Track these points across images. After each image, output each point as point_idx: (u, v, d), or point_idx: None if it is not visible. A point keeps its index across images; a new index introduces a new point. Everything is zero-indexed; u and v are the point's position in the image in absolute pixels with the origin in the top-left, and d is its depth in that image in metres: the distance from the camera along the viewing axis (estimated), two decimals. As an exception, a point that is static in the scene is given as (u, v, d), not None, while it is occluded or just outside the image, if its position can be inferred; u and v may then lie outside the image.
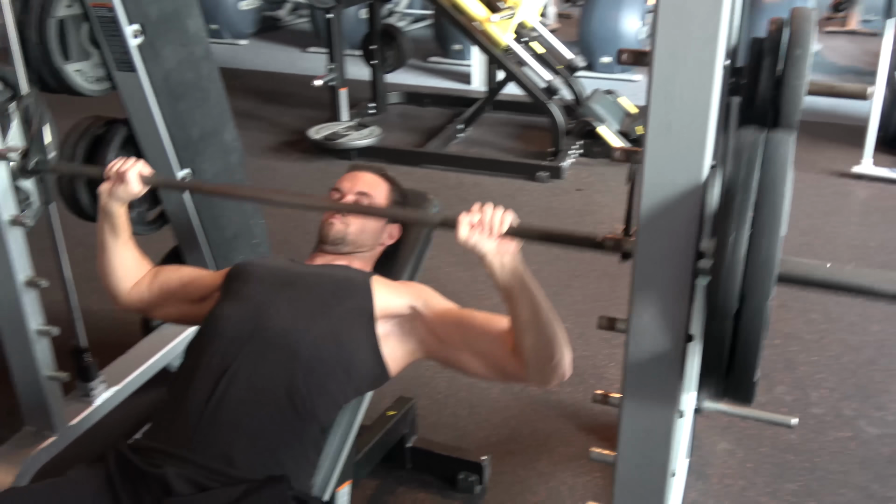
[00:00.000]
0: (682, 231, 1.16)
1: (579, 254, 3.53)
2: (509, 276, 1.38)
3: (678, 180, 1.13)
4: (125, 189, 1.64)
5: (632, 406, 1.34)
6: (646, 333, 1.27)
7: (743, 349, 1.12)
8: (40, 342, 1.91)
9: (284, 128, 5.30)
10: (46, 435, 1.98)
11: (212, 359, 1.50)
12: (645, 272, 1.21)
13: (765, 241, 1.05)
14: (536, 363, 1.48)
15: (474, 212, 1.36)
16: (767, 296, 1.06)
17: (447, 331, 1.60)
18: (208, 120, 2.35)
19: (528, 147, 4.93)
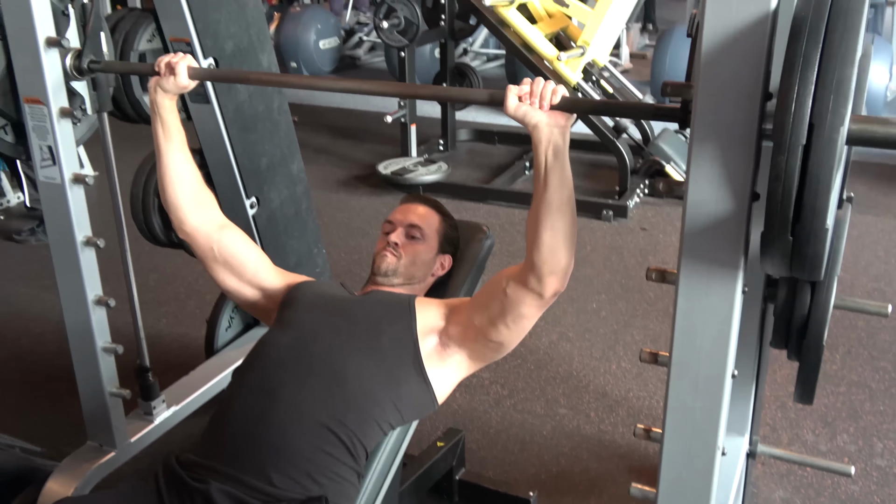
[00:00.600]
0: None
1: (641, 293, 3.50)
2: (552, 153, 1.36)
3: None
4: (174, 81, 1.63)
5: (673, 441, 1.33)
6: (688, 365, 1.26)
7: (812, 186, 0.99)
8: (105, 359, 1.99)
9: (356, 162, 5.41)
10: (107, 450, 2.05)
11: (257, 380, 1.54)
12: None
13: (837, 63, 0.97)
14: (548, 260, 1.43)
15: (523, 83, 1.34)
16: (841, 122, 0.96)
17: (464, 310, 1.62)
18: (277, 151, 2.43)
19: (594, 186, 4.91)
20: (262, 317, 1.84)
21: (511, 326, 1.56)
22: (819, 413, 2.67)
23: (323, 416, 1.48)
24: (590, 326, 3.29)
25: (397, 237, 1.79)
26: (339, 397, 1.50)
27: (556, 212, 1.41)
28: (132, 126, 2.30)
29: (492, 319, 1.56)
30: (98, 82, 1.89)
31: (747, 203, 1.16)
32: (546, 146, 1.36)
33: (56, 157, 1.83)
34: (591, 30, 4.38)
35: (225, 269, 1.76)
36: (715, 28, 1.10)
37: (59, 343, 2.43)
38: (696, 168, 1.18)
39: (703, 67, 1.12)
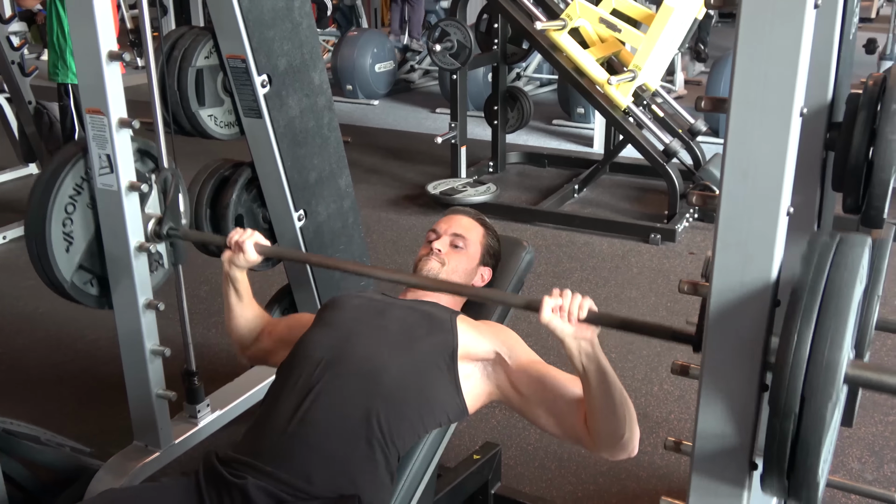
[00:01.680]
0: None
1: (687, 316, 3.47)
2: (586, 360, 1.45)
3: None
4: (244, 258, 1.78)
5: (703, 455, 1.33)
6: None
7: (803, 450, 1.10)
8: (154, 361, 2.06)
9: (406, 182, 5.49)
10: (152, 450, 2.12)
11: (298, 379, 1.59)
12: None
13: (828, 346, 1.05)
14: (606, 438, 1.53)
15: (555, 295, 1.42)
16: (828, 398, 1.05)
17: (527, 385, 1.65)
18: (325, 166, 2.49)
19: (643, 209, 4.90)
20: None
21: (558, 436, 1.64)
22: (866, 441, 2.61)
23: (358, 416, 1.52)
24: (633, 348, 3.28)
25: (441, 244, 1.83)
26: (375, 395, 1.54)
27: (606, 408, 1.49)
28: (188, 140, 2.39)
29: (545, 426, 1.64)
30: (175, 244, 2.09)
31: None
32: (578, 356, 1.44)
33: (114, 164, 1.91)
34: (643, 54, 4.39)
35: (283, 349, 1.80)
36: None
37: (111, 349, 2.52)
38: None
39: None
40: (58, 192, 1.99)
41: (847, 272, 1.09)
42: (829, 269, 1.10)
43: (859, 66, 2.89)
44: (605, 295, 3.78)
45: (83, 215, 2.05)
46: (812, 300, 1.08)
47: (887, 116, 1.35)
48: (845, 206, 1.45)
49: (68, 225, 2.03)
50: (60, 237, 2.02)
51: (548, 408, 1.61)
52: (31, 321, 3.66)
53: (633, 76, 4.40)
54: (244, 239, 1.76)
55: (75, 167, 2.02)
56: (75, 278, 2.08)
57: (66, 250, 2.04)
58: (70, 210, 2.02)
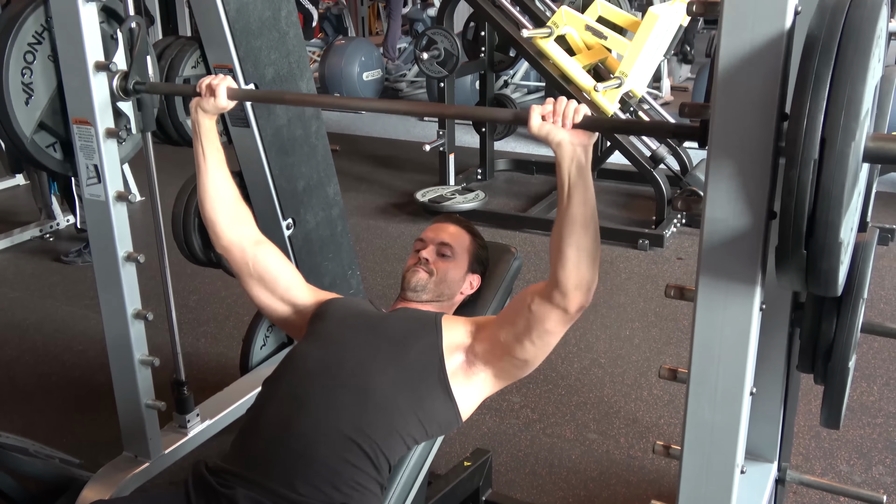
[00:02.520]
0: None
1: (675, 321, 3.49)
2: (576, 170, 1.38)
3: None
4: (214, 102, 1.70)
5: (692, 458, 1.34)
6: (707, 381, 1.27)
7: (825, 201, 1.00)
8: (142, 371, 2.06)
9: (395, 190, 5.49)
10: (141, 461, 2.11)
11: (286, 390, 1.59)
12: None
13: (849, 80, 0.98)
14: (572, 275, 1.46)
15: (546, 103, 1.37)
16: (853, 137, 0.98)
17: (490, 327, 1.65)
18: (313, 174, 2.50)
19: (631, 215, 4.92)
20: (292, 332, 1.89)
21: (536, 343, 1.58)
22: (854, 444, 2.63)
23: (348, 427, 1.52)
24: (622, 353, 3.29)
25: (428, 254, 1.84)
26: (364, 409, 1.54)
27: (579, 228, 1.44)
28: (175, 149, 2.39)
29: (517, 336, 1.59)
30: (143, 103, 1.98)
31: (764, 220, 1.18)
32: (569, 164, 1.39)
33: (101, 175, 1.91)
34: (629, 61, 4.41)
35: (258, 285, 1.81)
36: (731, 47, 1.12)
37: (100, 360, 2.52)
38: (713, 186, 1.20)
39: (720, 86, 1.14)
40: (16, 37, 1.87)
41: (867, 9, 1.01)
42: (847, 10, 1.02)
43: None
44: (593, 301, 3.69)
45: (44, 67, 1.94)
46: (829, 42, 1.00)
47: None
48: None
49: (27, 75, 1.92)
50: (19, 87, 1.91)
51: (516, 323, 1.58)
52: (19, 332, 3.64)
53: (620, 83, 4.42)
54: (217, 83, 1.70)
55: (35, 12, 1.91)
56: (36, 138, 1.98)
57: (25, 103, 1.93)
58: (29, 59, 1.92)
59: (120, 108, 1.94)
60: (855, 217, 1.23)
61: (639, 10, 5.83)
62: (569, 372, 3.14)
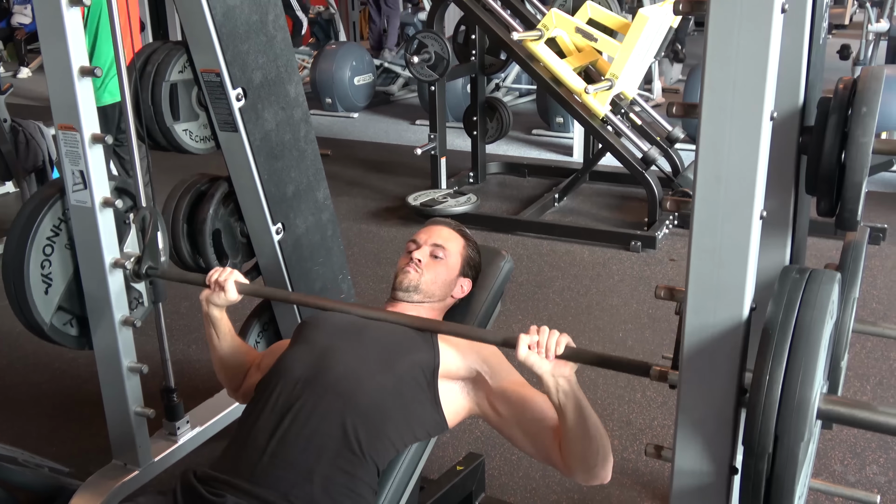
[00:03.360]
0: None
1: (669, 322, 3.49)
2: (563, 396, 1.45)
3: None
4: (224, 297, 1.75)
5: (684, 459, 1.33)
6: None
7: (777, 490, 1.10)
8: (131, 378, 2.04)
9: (387, 194, 5.48)
10: (131, 469, 2.09)
11: (276, 397, 1.58)
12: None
13: (799, 385, 1.06)
14: (579, 466, 1.54)
15: (532, 332, 1.43)
16: (801, 438, 1.06)
17: (506, 406, 1.65)
18: (303, 178, 2.48)
19: (624, 217, 4.92)
20: None
21: (536, 456, 1.64)
22: (848, 444, 2.62)
23: (336, 433, 1.50)
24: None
25: (421, 254, 1.83)
26: (352, 413, 1.53)
27: (581, 440, 1.49)
28: (164, 155, 2.37)
29: (522, 442, 1.64)
30: (154, 283, 2.08)
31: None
32: (555, 392, 1.45)
33: (87, 181, 1.90)
34: (620, 63, 4.41)
35: None
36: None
37: (90, 368, 2.49)
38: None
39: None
40: (35, 234, 1.97)
41: (816, 310, 1.11)
42: (798, 307, 1.11)
43: (834, 72, 2.91)
44: (586, 303, 3.78)
45: (61, 256, 2.03)
46: (783, 338, 1.09)
47: (858, 119, 1.36)
48: (819, 209, 1.45)
49: (47, 267, 2.01)
50: (39, 280, 1.99)
51: (525, 430, 1.62)
52: (9, 340, 3.61)
53: (611, 85, 4.42)
54: (225, 278, 1.75)
55: (53, 208, 2.00)
56: (55, 320, 2.06)
57: (44, 292, 2.02)
58: (48, 252, 2.00)
59: (133, 287, 2.06)
60: (810, 465, 1.37)
61: (629, 12, 5.83)
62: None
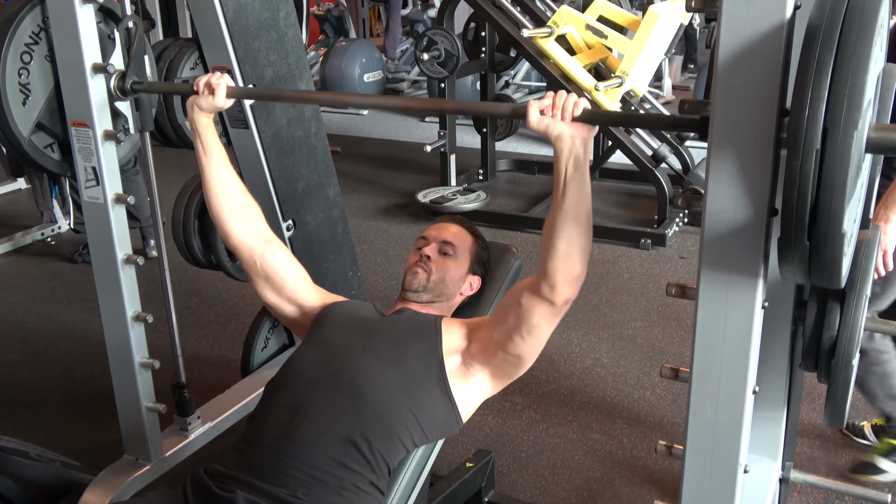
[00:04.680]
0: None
1: (678, 320, 3.48)
2: (573, 164, 1.37)
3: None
4: (212, 100, 1.67)
5: (694, 458, 1.33)
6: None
7: (828, 190, 0.99)
8: (143, 374, 2.05)
9: (396, 191, 5.48)
10: (142, 464, 2.10)
11: (286, 397, 1.58)
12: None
13: (851, 68, 0.97)
14: (562, 268, 1.44)
15: (546, 97, 1.37)
16: (855, 127, 0.97)
17: (484, 327, 1.65)
18: (313, 175, 2.49)
19: (633, 215, 4.91)
20: (298, 332, 1.88)
21: (526, 338, 1.57)
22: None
23: (347, 432, 1.50)
24: (625, 353, 3.28)
25: (430, 251, 1.83)
26: (363, 414, 1.53)
27: (572, 222, 1.43)
28: (175, 152, 2.38)
29: (508, 332, 1.58)
30: (140, 102, 1.97)
31: (766, 214, 1.17)
32: (567, 157, 1.38)
33: (100, 177, 1.91)
34: (630, 60, 4.40)
35: (266, 284, 1.81)
36: (730, 41, 1.11)
37: (102, 363, 2.50)
38: (714, 179, 1.19)
39: (720, 79, 1.13)
40: (12, 38, 1.87)
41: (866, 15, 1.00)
42: (845, 12, 1.01)
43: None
44: (596, 300, 3.78)
45: (41, 67, 1.94)
46: (828, 42, 0.99)
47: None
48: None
49: (24, 76, 1.92)
50: (16, 88, 1.91)
51: (507, 319, 1.57)
52: (21, 336, 3.64)
53: (621, 82, 4.40)
54: (217, 81, 1.69)
55: (32, 13, 1.91)
56: (34, 138, 1.98)
57: (22, 103, 1.93)
58: (26, 59, 1.92)
59: (118, 109, 1.94)
60: (858, 209, 1.22)
61: (639, 9, 5.81)
62: (571, 372, 3.13)
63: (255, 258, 1.79)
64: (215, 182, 1.78)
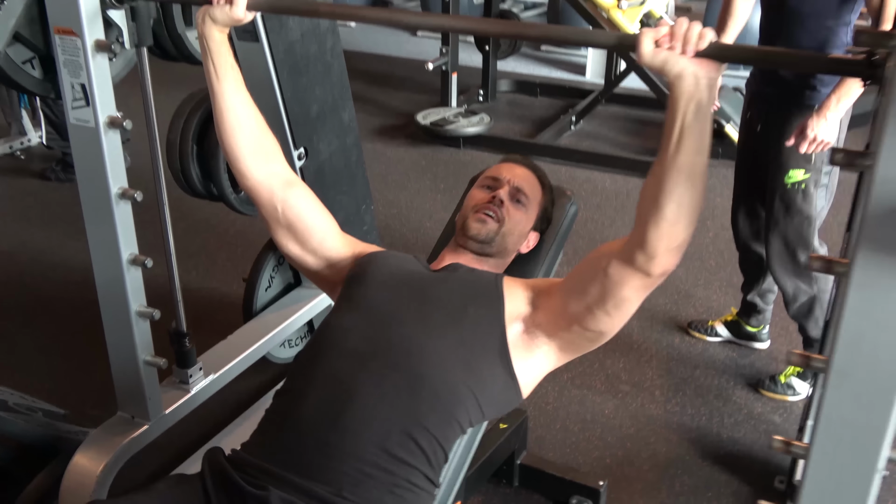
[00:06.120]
0: None
1: (701, 261, 3.27)
2: (694, 110, 1.12)
3: None
4: (229, 11, 1.37)
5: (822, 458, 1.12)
6: (852, 374, 1.05)
7: None
8: (140, 324, 1.79)
9: (392, 111, 5.15)
10: (140, 423, 1.86)
11: (327, 375, 1.33)
12: None
13: None
14: (666, 235, 1.19)
15: (661, 25, 1.12)
16: None
17: (554, 295, 1.39)
18: (328, 97, 2.20)
19: (644, 143, 4.65)
20: (325, 288, 1.63)
21: (612, 313, 1.33)
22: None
23: (402, 419, 1.27)
24: (649, 297, 3.06)
25: (505, 195, 1.57)
26: (420, 396, 1.29)
27: (685, 182, 1.18)
28: (172, 65, 2.07)
29: (589, 305, 1.33)
30: (138, 12, 1.66)
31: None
32: (688, 101, 1.12)
33: (90, 96, 1.60)
34: (652, -24, 4.08)
35: (288, 234, 1.53)
36: None
37: (84, 293, 2.23)
38: (891, 136, 0.94)
39: None
40: None
41: None
42: None
43: None
44: (612, 235, 3.55)
45: None
46: None
47: None
48: None
49: None
50: None
51: (587, 291, 1.31)
52: None
53: (643, 0, 4.09)
54: None
55: None
56: (11, 52, 1.68)
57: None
58: None
59: (111, 19, 1.62)
60: None
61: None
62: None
63: (275, 203, 1.51)
64: (230, 112, 1.47)
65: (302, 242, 1.54)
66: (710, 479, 2.20)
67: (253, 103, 1.51)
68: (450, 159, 4.41)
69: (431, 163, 4.36)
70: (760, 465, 2.25)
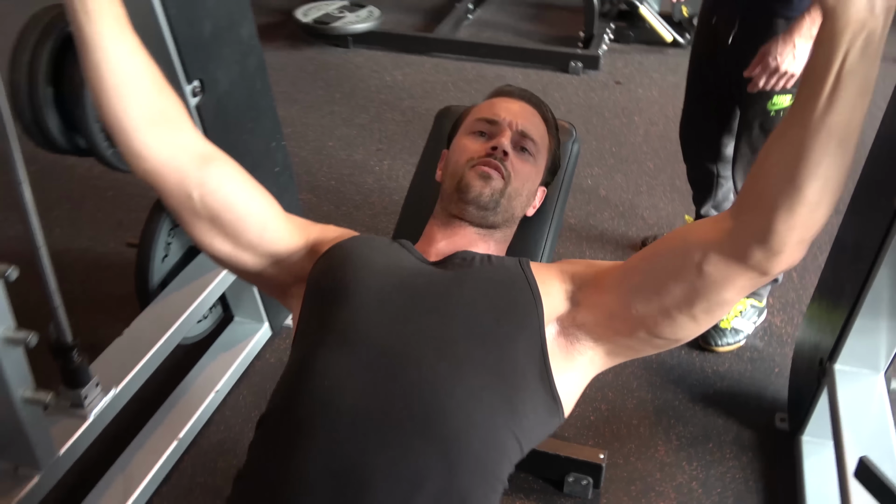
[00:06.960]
0: None
1: (639, 164, 2.98)
2: (861, 47, 0.79)
3: None
4: None
5: None
6: None
7: None
8: (10, 354, 1.30)
9: (265, 7, 4.49)
10: (29, 474, 1.39)
11: (324, 460, 0.91)
12: None
13: None
14: (803, 222, 0.86)
15: None
16: None
17: (605, 288, 1.04)
18: (223, 10, 1.68)
19: (549, 31, 4.25)
20: (275, 293, 1.19)
21: (701, 318, 0.98)
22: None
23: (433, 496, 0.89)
24: (592, 210, 2.75)
25: (507, 143, 1.18)
26: (460, 470, 0.92)
27: (838, 148, 0.83)
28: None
29: (667, 308, 0.98)
30: None
31: None
32: (855, 34, 0.79)
33: None
34: None
35: (213, 229, 1.08)
36: None
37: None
38: None
39: None
40: None
41: None
42: None
43: None
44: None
45: None
46: None
47: None
48: None
49: None
50: None
51: (668, 290, 0.97)
52: None
53: None
54: None
55: None
56: None
57: None
58: None
59: None
60: None
61: None
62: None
63: (189, 190, 1.05)
64: (112, 69, 0.99)
65: (234, 238, 1.09)
66: (707, 425, 1.96)
67: (142, 50, 1.02)
68: (340, 62, 3.87)
69: (320, 67, 3.82)
70: (755, 401, 2.03)
